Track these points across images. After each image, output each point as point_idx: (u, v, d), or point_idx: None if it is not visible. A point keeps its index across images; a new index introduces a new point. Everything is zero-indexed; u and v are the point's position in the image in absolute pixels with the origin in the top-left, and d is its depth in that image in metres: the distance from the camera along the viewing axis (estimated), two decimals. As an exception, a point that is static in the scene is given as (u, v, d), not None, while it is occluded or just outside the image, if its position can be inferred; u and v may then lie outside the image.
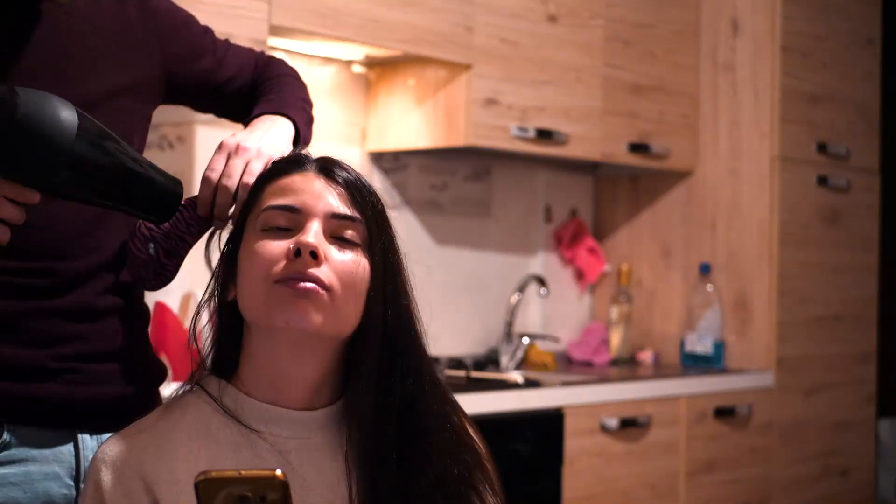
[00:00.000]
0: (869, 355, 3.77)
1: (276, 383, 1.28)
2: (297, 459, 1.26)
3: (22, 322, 1.37)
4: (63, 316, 1.40)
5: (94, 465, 1.25)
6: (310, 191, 1.26)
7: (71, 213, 1.39)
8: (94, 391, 1.41)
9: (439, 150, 3.09)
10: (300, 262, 1.22)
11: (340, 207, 1.26)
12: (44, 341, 1.38)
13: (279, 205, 1.26)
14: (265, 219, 1.26)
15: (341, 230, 1.26)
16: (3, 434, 1.36)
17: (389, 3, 2.72)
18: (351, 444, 1.26)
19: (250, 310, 1.26)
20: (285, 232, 1.25)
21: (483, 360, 3.29)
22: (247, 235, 1.28)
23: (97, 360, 1.43)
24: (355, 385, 1.27)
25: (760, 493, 3.34)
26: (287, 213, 1.25)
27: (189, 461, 1.24)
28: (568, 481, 2.81)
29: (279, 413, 1.27)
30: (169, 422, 1.28)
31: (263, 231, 1.26)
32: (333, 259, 1.24)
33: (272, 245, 1.24)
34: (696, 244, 3.58)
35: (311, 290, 1.22)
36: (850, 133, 3.70)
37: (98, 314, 1.44)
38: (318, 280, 1.22)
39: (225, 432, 1.26)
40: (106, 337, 1.44)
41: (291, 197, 1.26)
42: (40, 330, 1.38)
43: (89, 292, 1.43)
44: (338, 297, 1.23)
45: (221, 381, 1.30)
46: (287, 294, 1.22)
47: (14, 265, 1.36)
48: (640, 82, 3.38)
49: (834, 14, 3.63)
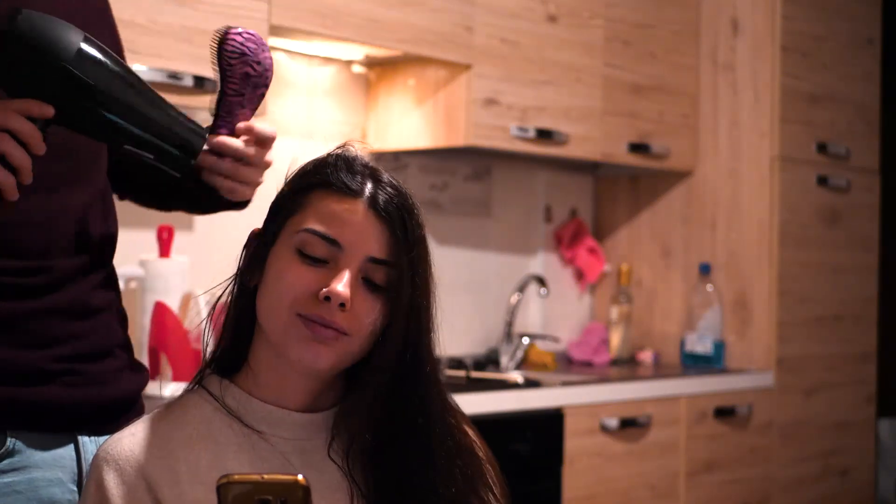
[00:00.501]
0: (869, 355, 3.77)
1: (281, 385, 1.28)
2: (298, 461, 1.26)
3: (19, 323, 1.36)
4: (59, 315, 1.39)
5: (95, 463, 1.25)
6: (355, 225, 1.24)
7: (64, 209, 1.38)
8: (92, 392, 1.41)
9: (439, 150, 3.09)
10: (326, 309, 1.22)
11: (380, 252, 1.24)
12: (42, 342, 1.37)
13: (322, 233, 1.24)
14: (304, 240, 1.24)
15: (374, 273, 1.24)
16: (6, 441, 1.35)
17: (389, 3, 2.72)
18: (352, 448, 1.26)
19: (267, 323, 1.26)
20: (320, 263, 1.24)
21: (483, 360, 3.29)
22: (284, 238, 1.26)
23: (93, 359, 1.42)
24: (359, 392, 1.27)
25: (760, 493, 3.34)
26: (328, 244, 1.23)
27: (190, 461, 1.24)
28: (568, 481, 2.81)
29: (282, 414, 1.28)
30: (170, 422, 1.27)
31: (299, 253, 1.24)
32: (359, 305, 1.23)
33: (304, 275, 1.23)
34: (696, 244, 3.58)
35: (329, 337, 1.22)
36: (850, 133, 3.70)
37: (91, 312, 1.43)
38: (339, 327, 1.22)
39: (226, 432, 1.26)
40: (100, 335, 1.44)
41: (336, 228, 1.24)
42: (38, 330, 1.37)
43: (83, 289, 1.42)
44: (353, 341, 1.24)
45: (224, 380, 1.30)
46: (305, 334, 1.22)
47: (9, 264, 1.34)
48: (640, 82, 3.38)
49: (834, 14, 3.63)
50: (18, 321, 1.36)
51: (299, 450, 1.27)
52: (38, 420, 1.37)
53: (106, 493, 1.22)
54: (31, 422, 1.36)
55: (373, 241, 1.24)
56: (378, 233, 1.24)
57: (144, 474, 1.22)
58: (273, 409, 1.28)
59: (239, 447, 1.26)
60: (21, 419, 1.36)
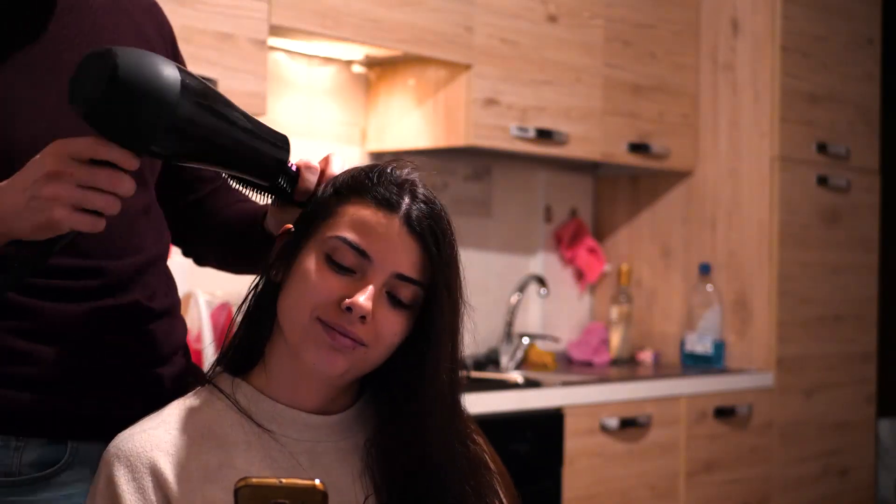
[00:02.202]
0: (869, 355, 3.77)
1: (295, 385, 1.28)
2: (307, 462, 1.27)
3: (74, 327, 1.31)
4: (114, 319, 1.34)
5: (105, 459, 1.25)
6: (387, 239, 1.23)
7: (123, 210, 1.30)
8: (150, 400, 1.35)
9: (439, 150, 3.08)
10: (347, 319, 1.22)
11: (408, 270, 1.24)
12: (96, 348, 1.32)
13: (353, 243, 1.23)
14: (335, 247, 1.24)
15: (400, 290, 1.24)
16: (66, 451, 1.32)
17: (389, 3, 2.72)
18: (364, 451, 1.27)
19: (287, 323, 1.26)
20: (347, 272, 1.24)
21: (483, 360, 3.29)
22: (315, 242, 1.26)
23: (151, 365, 1.38)
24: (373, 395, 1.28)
25: (760, 493, 3.34)
26: (357, 254, 1.23)
27: (200, 459, 1.24)
28: (568, 481, 2.81)
29: (293, 415, 1.28)
30: (181, 419, 1.27)
31: (328, 259, 1.24)
32: (380, 319, 1.23)
33: (330, 282, 1.23)
34: (696, 244, 3.58)
35: (347, 346, 1.23)
36: (850, 133, 3.70)
37: (148, 316, 1.39)
38: (358, 338, 1.23)
39: (237, 430, 1.27)
40: (157, 340, 1.40)
41: (368, 239, 1.23)
42: (91, 336, 1.32)
43: (138, 293, 1.37)
44: (370, 352, 1.24)
45: (235, 378, 1.30)
46: (324, 340, 1.22)
47: (63, 262, 1.29)
48: (640, 82, 3.38)
49: (834, 14, 3.63)
50: (71, 325, 1.31)
51: (309, 451, 1.27)
52: (96, 430, 1.32)
53: (116, 490, 1.22)
54: (90, 432, 1.32)
55: (403, 257, 1.24)
56: (409, 250, 1.24)
57: (154, 471, 1.22)
58: (284, 408, 1.28)
59: (249, 445, 1.26)
60: (82, 429, 1.32)
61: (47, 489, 1.30)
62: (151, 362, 1.39)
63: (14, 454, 1.29)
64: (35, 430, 1.29)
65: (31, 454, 1.30)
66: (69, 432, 1.31)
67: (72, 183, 1.12)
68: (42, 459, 1.30)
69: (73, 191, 1.12)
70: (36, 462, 1.30)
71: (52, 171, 1.12)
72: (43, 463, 1.30)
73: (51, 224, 1.13)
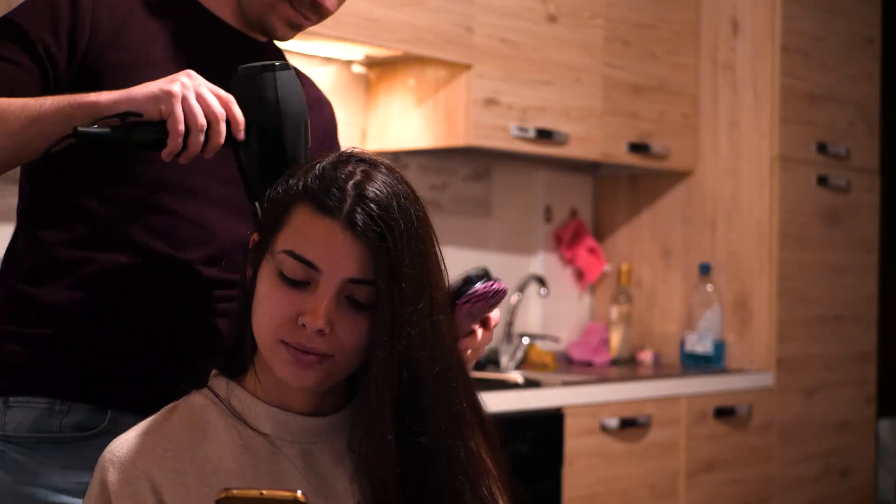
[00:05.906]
0: (869, 355, 3.77)
1: (282, 390, 1.28)
2: (302, 464, 1.27)
3: (155, 309, 1.44)
4: (193, 311, 1.47)
5: (100, 464, 1.25)
6: (332, 246, 1.20)
7: (226, 227, 1.50)
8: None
9: (439, 150, 3.09)
10: (305, 336, 1.21)
11: (359, 272, 1.20)
12: (163, 330, 1.44)
13: (299, 256, 1.21)
14: (282, 261, 1.22)
15: (356, 292, 1.22)
16: (106, 419, 1.41)
17: (389, 3, 2.72)
18: (358, 453, 1.26)
19: (258, 342, 1.26)
20: (301, 285, 1.21)
21: (483, 360, 3.29)
22: (270, 254, 1.24)
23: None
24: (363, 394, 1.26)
25: (760, 493, 3.34)
26: (305, 266, 1.21)
27: (196, 462, 1.24)
28: (568, 481, 2.81)
29: (286, 417, 1.28)
30: (176, 422, 1.27)
31: (280, 275, 1.22)
32: (340, 327, 1.21)
33: (283, 301, 1.22)
34: (696, 244, 3.58)
35: (312, 361, 1.22)
36: (850, 133, 3.70)
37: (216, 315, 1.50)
38: (321, 352, 1.22)
39: (231, 434, 1.27)
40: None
41: (313, 249, 1.20)
42: (164, 319, 1.44)
43: (217, 298, 1.49)
44: (338, 361, 1.23)
45: (230, 382, 1.30)
46: (288, 358, 1.22)
47: (159, 247, 1.43)
48: (640, 82, 3.38)
49: (834, 14, 3.63)
50: (153, 306, 1.43)
51: (304, 453, 1.27)
52: (135, 400, 1.42)
53: (109, 494, 1.22)
54: (128, 401, 1.42)
55: (351, 262, 1.20)
56: (356, 253, 1.20)
57: (149, 475, 1.22)
58: (278, 411, 1.28)
59: (244, 449, 1.26)
60: (121, 398, 1.42)
61: (86, 448, 1.40)
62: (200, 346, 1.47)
63: (57, 416, 1.41)
64: (79, 396, 1.42)
65: (73, 417, 1.41)
66: (111, 401, 1.42)
67: (198, 88, 1.31)
68: (82, 423, 1.42)
69: (195, 89, 1.31)
70: (76, 425, 1.42)
71: (189, 74, 1.33)
72: (82, 426, 1.42)
73: (162, 94, 1.29)
